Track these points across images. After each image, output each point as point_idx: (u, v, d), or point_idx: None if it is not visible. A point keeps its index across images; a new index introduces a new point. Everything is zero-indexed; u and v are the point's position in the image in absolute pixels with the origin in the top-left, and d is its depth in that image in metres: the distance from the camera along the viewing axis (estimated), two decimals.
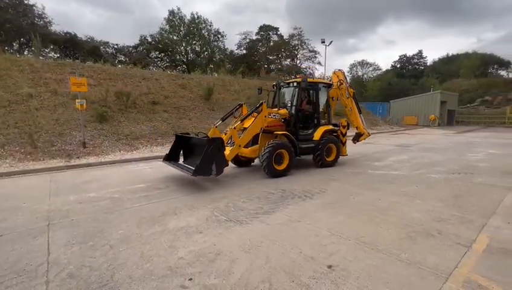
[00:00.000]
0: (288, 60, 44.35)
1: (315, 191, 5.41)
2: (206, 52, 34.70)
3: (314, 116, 7.70)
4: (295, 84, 7.56)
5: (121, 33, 50.01)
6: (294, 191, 5.40)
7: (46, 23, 24.71)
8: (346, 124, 8.37)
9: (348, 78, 9.95)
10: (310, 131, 7.58)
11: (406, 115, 30.38)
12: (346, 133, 8.38)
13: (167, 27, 32.47)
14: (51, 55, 22.50)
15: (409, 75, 55.88)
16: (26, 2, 22.81)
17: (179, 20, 32.09)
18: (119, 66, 19.96)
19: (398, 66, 61.39)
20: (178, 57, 34.03)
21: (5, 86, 10.77)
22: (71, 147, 9.27)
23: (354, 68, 60.55)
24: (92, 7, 47.67)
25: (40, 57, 14.97)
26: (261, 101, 6.73)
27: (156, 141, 11.31)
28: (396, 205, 4.65)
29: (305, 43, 43.75)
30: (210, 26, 34.26)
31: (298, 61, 45.06)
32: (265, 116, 6.68)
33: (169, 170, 7.20)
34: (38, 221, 4.01)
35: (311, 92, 7.75)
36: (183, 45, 33.15)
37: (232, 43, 63.65)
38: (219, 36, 35.28)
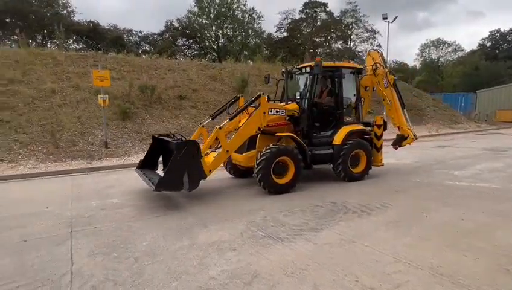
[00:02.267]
0: (340, 42, 43.31)
1: (374, 206, 5.20)
2: (239, 37, 35.43)
3: (335, 112, 6.90)
4: (308, 69, 6.94)
5: (145, 18, 53.33)
6: (348, 205, 5.25)
7: (69, 12, 27.47)
8: (382, 122, 7.32)
9: (386, 61, 8.53)
10: (330, 132, 6.84)
11: (500, 109, 27.71)
12: (382, 134, 7.40)
13: (196, 9, 33.88)
14: (73, 46, 24.92)
15: (503, 57, 50.83)
16: None
17: (209, 1, 33.28)
18: (144, 56, 21.35)
19: (488, 44, 56.21)
20: (207, 44, 35.26)
21: (29, 82, 12.16)
22: (93, 147, 10.13)
23: (426, 50, 56.79)
24: None
25: (63, 50, 16.62)
26: (258, 93, 6.19)
27: None
28: (487, 227, 4.27)
29: (360, 20, 42.34)
30: (244, 5, 34.95)
31: (352, 43, 43.75)
32: (265, 113, 6.04)
33: None
34: (61, 227, 4.45)
35: (331, 80, 6.96)
36: (213, 28, 34.26)
37: (270, 24, 64.10)
38: (255, 17, 35.81)
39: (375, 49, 8.42)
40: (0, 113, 10.36)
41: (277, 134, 6.24)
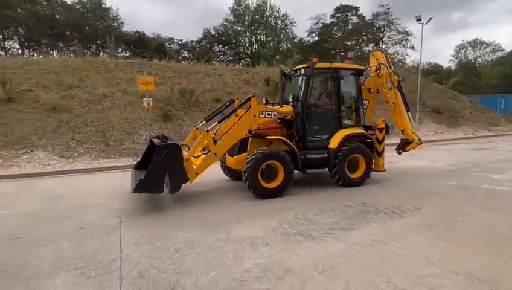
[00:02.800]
0: (371, 45, 41.83)
1: (406, 208, 4.96)
2: (271, 42, 35.48)
3: (332, 115, 6.47)
4: (302, 71, 6.52)
5: (185, 28, 55.23)
6: (379, 206, 5.06)
7: (119, 24, 29.15)
8: (383, 126, 6.70)
9: (390, 62, 7.41)
10: (326, 136, 6.38)
11: None
12: (383, 138, 6.75)
13: (231, 17, 34.46)
14: (122, 55, 26.40)
15: None
16: (103, 6, 27.44)
17: (244, 9, 33.69)
18: (183, 62, 22.07)
19: None
20: (242, 49, 35.68)
21: (84, 87, 13.07)
22: (138, 145, 10.66)
23: (463, 50, 53.10)
24: (157, 3, 53.89)
25: (113, 58, 17.66)
26: (249, 95, 5.89)
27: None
28: None
29: (392, 23, 40.59)
30: (277, 12, 34.96)
31: (384, 46, 42.07)
32: (255, 116, 5.71)
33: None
34: (111, 218, 4.74)
35: (329, 82, 6.61)
36: (248, 35, 34.61)
37: (301, 29, 63.44)
38: (287, 22, 35.67)
39: (380, 49, 7.97)
40: (61, 115, 11.23)
41: (267, 137, 5.88)
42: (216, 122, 5.93)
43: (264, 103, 6.77)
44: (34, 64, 14.01)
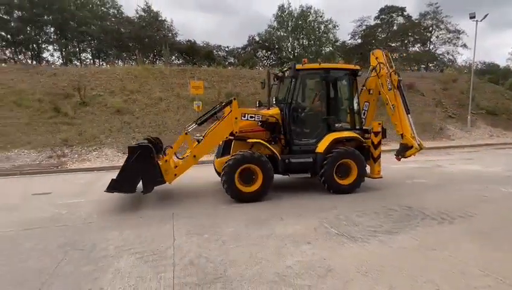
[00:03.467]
0: (418, 45, 38.97)
1: (457, 214, 4.54)
2: (313, 47, 34.83)
3: (321, 118, 5.97)
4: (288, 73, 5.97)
5: (231, 36, 56.54)
6: (426, 211, 4.70)
7: (173, 34, 30.79)
8: (379, 129, 6.02)
9: (391, 61, 6.58)
10: (314, 140, 5.88)
11: None
12: (380, 143, 6.07)
13: (275, 24, 34.52)
14: (175, 62, 27.88)
15: None
16: (159, 18, 29.25)
17: (287, 15, 33.56)
18: (230, 67, 22.65)
19: None
20: (284, 54, 35.55)
21: (143, 92, 14.05)
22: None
23: None
24: (204, 13, 56.03)
25: (168, 65, 18.75)
26: (230, 98, 5.66)
27: None
28: None
29: (442, 21, 37.31)
30: (321, 16, 34.24)
31: (432, 46, 38.95)
32: (236, 118, 5.45)
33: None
34: (165, 209, 5.03)
35: (319, 83, 6.08)
36: (290, 40, 34.37)
37: (344, 32, 61.34)
38: (330, 27, 34.75)
39: (380, 48, 7.17)
40: (124, 116, 12.21)
41: (248, 140, 5.54)
42: (195, 124, 5.82)
43: (258, 105, 6.63)
44: (103, 72, 15.42)
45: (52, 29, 26.16)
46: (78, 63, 26.84)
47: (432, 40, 38.89)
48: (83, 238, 3.88)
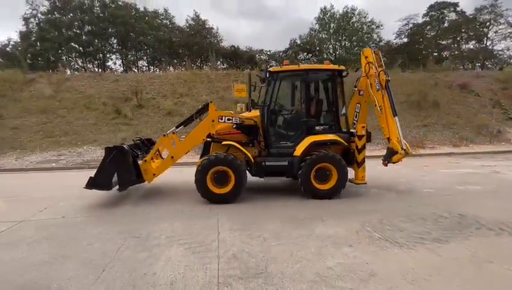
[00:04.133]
0: (472, 42, 35.26)
1: None
2: (356, 47, 33.48)
3: (300, 120, 5.63)
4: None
5: (273, 40, 56.75)
6: (481, 220, 4.23)
7: (218, 41, 31.87)
8: (363, 132, 5.55)
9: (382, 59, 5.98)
10: (293, 143, 5.59)
11: None
12: (364, 147, 5.60)
13: (316, 26, 33.88)
14: (220, 66, 28.80)
15: None
16: (207, 26, 30.50)
17: (329, 18, 32.71)
18: None
19: None
20: (326, 56, 34.70)
21: (191, 95, 14.72)
22: None
23: None
24: (247, 20, 56.96)
25: (214, 70, 19.41)
26: (207, 102, 5.65)
27: None
28: None
29: (501, 15, 33.29)
30: (364, 17, 32.79)
31: (489, 42, 34.99)
32: (213, 121, 5.49)
33: None
34: (211, 205, 5.19)
35: (299, 85, 5.74)
36: (332, 42, 33.44)
37: (389, 32, 57.82)
38: (373, 27, 33.08)
39: (371, 47, 6.38)
40: (174, 118, 12.90)
41: (223, 143, 5.51)
42: (174, 127, 5.94)
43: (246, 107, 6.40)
44: (156, 78, 16.48)
45: (115, 40, 28.67)
46: (135, 70, 29.06)
47: (489, 36, 34.95)
48: (139, 227, 4.18)
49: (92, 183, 5.08)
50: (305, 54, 35.39)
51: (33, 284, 2.77)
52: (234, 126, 5.54)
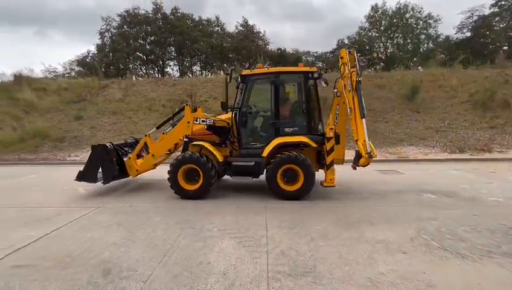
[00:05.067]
0: None
1: None
2: (409, 44, 30.89)
3: (270, 122, 5.60)
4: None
5: (320, 41, 55.21)
6: None
7: (265, 44, 32.15)
8: (331, 134, 5.29)
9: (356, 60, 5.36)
10: (262, 144, 5.57)
11: None
12: (332, 149, 5.30)
13: (366, 24, 32.08)
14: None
15: None
16: (255, 30, 31.01)
17: (380, 15, 30.73)
18: None
19: None
20: (375, 55, 32.71)
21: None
22: None
23: None
24: (292, 22, 56.25)
25: None
26: (183, 104, 5.92)
27: (347, 144, 11.50)
28: None
29: None
30: (419, 12, 30.09)
31: None
32: (189, 122, 5.78)
33: (363, 174, 7.10)
34: (258, 201, 5.26)
35: (270, 88, 5.54)
36: (383, 40, 31.35)
37: (449, 26, 52.11)
38: (430, 22, 30.16)
39: (347, 48, 5.63)
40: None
41: (193, 143, 5.77)
42: (155, 128, 6.56)
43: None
44: (208, 81, 17.24)
45: (173, 48, 30.72)
46: (190, 75, 30.82)
47: None
48: (194, 219, 4.42)
49: (80, 176, 5.81)
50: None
51: (106, 263, 3.11)
52: (206, 128, 5.81)
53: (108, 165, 5.80)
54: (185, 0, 47.88)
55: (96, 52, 28.99)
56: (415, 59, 30.75)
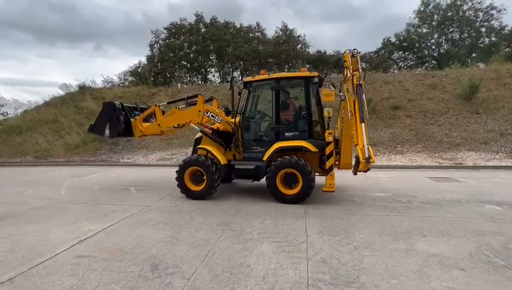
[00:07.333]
0: None
1: None
2: (467, 39, 28.03)
3: (271, 127, 5.73)
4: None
5: (362, 41, 52.83)
6: None
7: (305, 47, 31.80)
8: (330, 139, 5.18)
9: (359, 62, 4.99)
10: (264, 148, 5.68)
11: None
12: (331, 153, 5.20)
13: (415, 20, 29.93)
14: None
15: None
16: (294, 34, 30.94)
17: (432, 9, 28.45)
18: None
19: None
20: (426, 52, 30.30)
21: None
22: None
23: None
24: (331, 23, 54.56)
25: None
26: (197, 93, 6.20)
27: (395, 149, 10.80)
28: None
29: None
30: (480, 3, 27.20)
31: None
32: (200, 111, 5.98)
33: (413, 181, 6.60)
34: (299, 207, 5.18)
35: (271, 94, 5.65)
36: (435, 36, 28.93)
37: None
38: (493, 13, 27.06)
39: (350, 50, 5.17)
40: None
41: (197, 147, 6.19)
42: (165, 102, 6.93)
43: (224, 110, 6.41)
44: None
45: (214, 55, 31.99)
46: (229, 80, 31.83)
47: None
48: (234, 221, 4.52)
49: (90, 129, 6.74)
50: (401, 52, 31.81)
51: (154, 259, 3.32)
52: (211, 131, 6.07)
53: (114, 122, 6.41)
54: (223, 9, 49.55)
55: (146, 62, 31.40)
56: (473, 55, 27.84)
